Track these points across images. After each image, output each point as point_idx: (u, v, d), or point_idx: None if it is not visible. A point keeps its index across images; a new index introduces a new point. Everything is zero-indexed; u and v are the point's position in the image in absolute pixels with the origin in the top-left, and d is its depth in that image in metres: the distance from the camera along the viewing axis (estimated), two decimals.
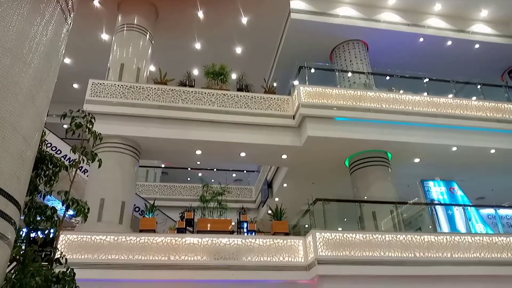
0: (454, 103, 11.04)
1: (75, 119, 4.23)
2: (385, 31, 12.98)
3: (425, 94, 11.26)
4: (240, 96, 10.50)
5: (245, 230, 9.94)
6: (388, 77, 12.47)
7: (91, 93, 9.71)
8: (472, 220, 10.02)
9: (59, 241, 6.78)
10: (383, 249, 8.15)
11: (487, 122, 10.90)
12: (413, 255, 8.19)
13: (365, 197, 10.14)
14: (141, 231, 8.65)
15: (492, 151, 10.94)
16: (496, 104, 11.31)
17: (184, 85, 10.94)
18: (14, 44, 3.19)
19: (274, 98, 10.64)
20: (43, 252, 3.83)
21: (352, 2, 12.95)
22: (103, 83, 9.94)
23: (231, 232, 9.13)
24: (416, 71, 12.83)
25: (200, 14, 12.78)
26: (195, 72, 14.27)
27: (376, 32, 12.94)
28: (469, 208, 10.29)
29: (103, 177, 8.93)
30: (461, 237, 8.68)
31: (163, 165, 19.68)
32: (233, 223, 9.85)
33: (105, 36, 13.46)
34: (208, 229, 9.03)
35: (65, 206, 3.82)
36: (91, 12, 12.44)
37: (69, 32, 4.06)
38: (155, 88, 10.14)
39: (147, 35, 11.77)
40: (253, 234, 9.60)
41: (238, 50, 14.38)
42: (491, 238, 8.80)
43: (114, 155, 9.34)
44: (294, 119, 10.35)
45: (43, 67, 3.49)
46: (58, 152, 10.51)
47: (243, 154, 10.83)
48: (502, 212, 10.47)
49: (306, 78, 10.94)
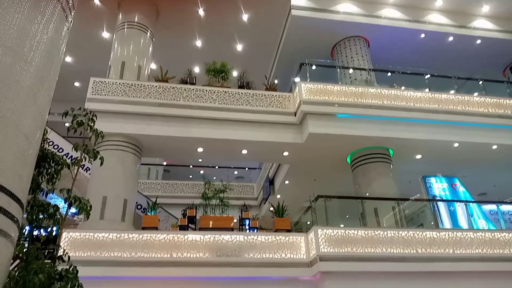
0: (455, 99, 11.02)
1: (77, 117, 4.23)
2: (386, 27, 12.94)
3: (427, 90, 11.22)
4: (241, 93, 10.50)
5: (247, 227, 9.96)
6: (389, 74, 12.45)
7: (92, 91, 9.73)
8: (474, 216, 10.02)
9: (62, 239, 6.81)
10: (385, 246, 8.15)
11: (489, 118, 10.87)
12: (415, 251, 8.19)
13: (367, 194, 10.15)
14: (143, 228, 8.69)
15: (494, 147, 10.92)
16: (498, 100, 11.28)
17: (185, 82, 10.93)
18: (15, 42, 3.19)
19: (275, 95, 10.64)
20: (46, 250, 3.85)
21: None
22: (105, 81, 9.96)
23: (233, 229, 9.15)
24: (418, 67, 12.78)
25: (201, 11, 12.76)
26: (196, 69, 14.27)
27: (377, 28, 12.90)
28: (471, 204, 10.28)
29: (105, 175, 8.95)
30: (463, 233, 8.68)
31: (165, 163, 19.74)
32: (235, 220, 9.88)
33: (105, 34, 13.47)
34: (210, 226, 9.06)
35: (67, 204, 3.83)
36: (92, 10, 12.44)
37: (69, 30, 4.06)
38: (156, 86, 10.15)
39: (148, 33, 11.76)
40: (255, 231, 9.62)
41: (239, 47, 14.36)
42: (493, 234, 8.79)
43: (116, 153, 9.36)
44: (295, 116, 10.35)
45: (44, 66, 3.49)
46: (60, 150, 10.56)
47: (244, 152, 10.84)
48: (504, 208, 10.46)
49: (307, 75, 10.92)
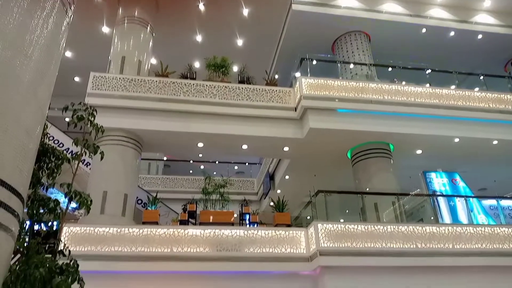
0: (456, 94, 11.00)
1: (77, 112, 4.23)
2: (387, 22, 12.88)
3: (428, 85, 11.20)
4: (242, 88, 10.48)
5: (247, 222, 9.98)
6: (390, 69, 12.40)
7: (92, 86, 9.72)
8: (474, 211, 10.03)
9: (63, 233, 6.83)
10: (385, 240, 8.17)
11: (489, 113, 10.85)
12: (414, 246, 8.22)
13: (367, 189, 10.15)
14: (143, 223, 8.71)
15: (495, 142, 10.91)
16: (499, 95, 11.25)
17: (185, 77, 10.91)
18: (15, 36, 3.18)
19: (276, 90, 10.62)
20: (47, 244, 3.86)
21: None
22: (105, 76, 9.94)
23: (233, 224, 9.17)
24: (419, 62, 12.76)
25: (201, 6, 12.71)
26: (196, 64, 14.23)
27: (378, 23, 12.84)
28: (471, 199, 10.29)
29: (105, 170, 8.97)
30: (463, 228, 8.70)
31: (165, 158, 19.75)
32: (235, 215, 9.90)
33: (105, 29, 13.42)
34: (211, 221, 9.08)
35: (68, 198, 3.84)
36: (92, 5, 12.39)
37: (69, 25, 4.05)
38: (156, 81, 10.13)
39: (148, 28, 11.72)
40: (255, 225, 9.65)
41: (240, 42, 14.32)
42: (493, 229, 8.81)
43: (116, 148, 9.36)
44: (296, 111, 10.33)
45: (44, 60, 3.49)
46: (60, 145, 10.56)
47: (245, 147, 10.84)
48: (504, 203, 10.47)
49: (308, 70, 10.89)
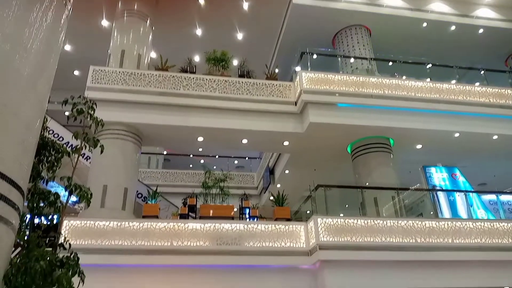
0: (457, 89, 10.97)
1: (77, 105, 4.22)
2: (388, 16, 12.82)
3: (428, 80, 11.18)
4: (242, 82, 10.45)
5: (247, 216, 10.01)
6: (390, 63, 12.37)
7: (92, 80, 9.69)
8: (474, 206, 10.04)
9: (63, 227, 6.84)
10: (385, 235, 8.19)
11: (490, 108, 10.83)
12: (414, 240, 8.24)
13: (367, 183, 10.16)
14: (144, 217, 8.72)
15: (495, 137, 10.91)
16: (499, 90, 11.23)
17: (185, 71, 10.88)
18: (14, 30, 3.16)
19: (276, 85, 10.59)
20: (47, 238, 3.87)
21: None
22: (104, 70, 9.91)
23: (233, 218, 9.19)
24: (419, 56, 12.71)
25: None
26: (196, 58, 14.16)
27: (379, 17, 12.78)
28: (470, 194, 10.30)
29: (105, 164, 8.97)
30: (462, 222, 8.71)
31: (165, 152, 19.74)
32: (235, 209, 9.91)
33: (105, 22, 13.34)
34: (211, 215, 9.09)
35: (68, 191, 3.83)
36: None
37: (68, 18, 4.03)
38: (156, 75, 10.10)
39: (148, 22, 11.66)
40: (255, 220, 9.68)
41: (239, 36, 14.25)
42: (492, 224, 8.82)
43: (116, 141, 9.36)
44: (296, 105, 10.31)
45: (43, 53, 3.47)
46: (60, 139, 10.56)
47: (245, 141, 10.83)
48: (504, 198, 10.49)
49: (308, 64, 10.86)
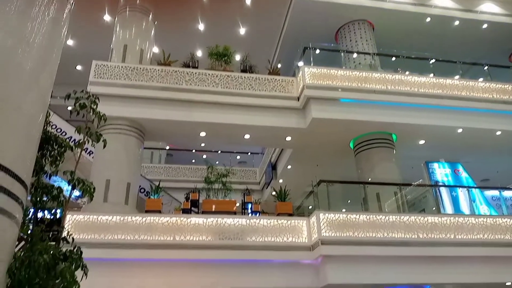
0: (460, 84, 10.92)
1: (79, 100, 4.22)
2: (391, 10, 12.75)
3: (431, 75, 11.12)
4: (244, 77, 10.43)
5: (250, 211, 10.02)
6: (393, 58, 12.31)
7: (94, 75, 9.70)
8: (476, 201, 10.03)
9: (66, 221, 6.88)
10: (387, 230, 8.20)
11: (493, 103, 10.79)
12: (416, 236, 8.24)
13: (369, 179, 10.15)
14: (146, 211, 8.75)
15: (498, 133, 10.86)
16: (503, 86, 11.17)
17: (187, 66, 10.86)
18: (16, 24, 3.16)
19: (279, 80, 10.57)
20: (50, 232, 3.89)
21: None
22: (107, 65, 9.91)
23: (235, 213, 9.21)
24: (422, 52, 12.66)
25: None
26: (199, 53, 14.14)
27: (382, 12, 12.71)
28: (473, 189, 10.28)
29: (108, 159, 8.99)
30: (465, 218, 8.71)
31: (167, 147, 19.75)
32: (237, 204, 9.93)
33: (107, 17, 13.30)
34: (213, 210, 9.12)
35: (71, 186, 3.85)
36: None
37: (71, 13, 4.02)
38: (158, 70, 10.09)
39: (150, 16, 11.64)
40: (257, 215, 9.69)
41: (242, 31, 14.20)
42: (494, 220, 8.81)
43: (119, 136, 9.37)
44: (298, 100, 10.29)
45: (46, 48, 3.47)
46: (63, 133, 10.57)
47: (247, 136, 10.82)
48: (507, 193, 10.47)
49: (311, 59, 10.82)
